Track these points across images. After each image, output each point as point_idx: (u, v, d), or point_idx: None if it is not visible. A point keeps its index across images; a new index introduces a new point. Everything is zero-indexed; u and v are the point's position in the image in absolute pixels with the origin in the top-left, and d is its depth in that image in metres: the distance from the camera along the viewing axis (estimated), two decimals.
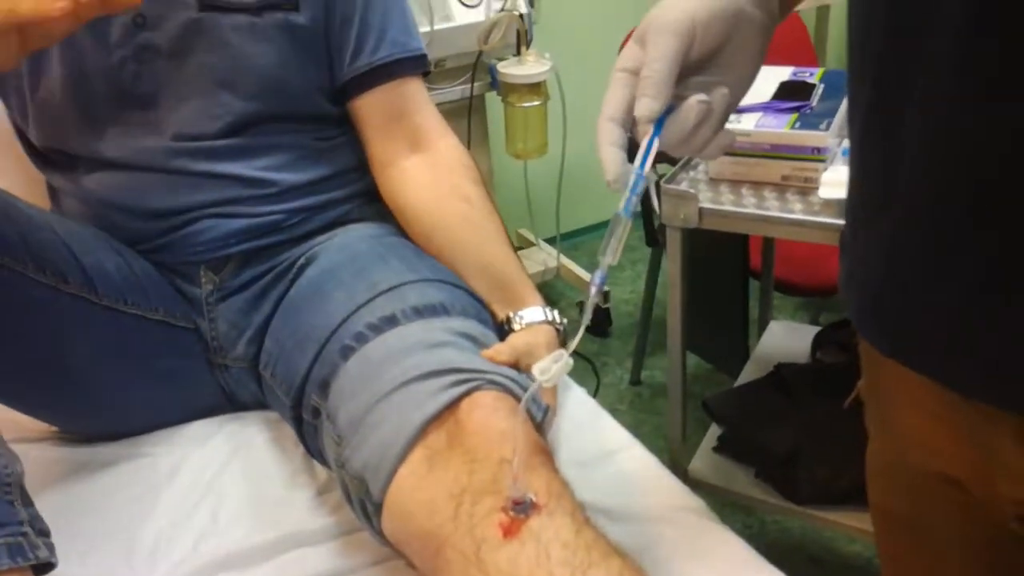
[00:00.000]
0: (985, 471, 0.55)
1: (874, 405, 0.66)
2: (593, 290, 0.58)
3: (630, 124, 0.56)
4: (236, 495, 0.89)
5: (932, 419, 0.57)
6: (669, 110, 0.55)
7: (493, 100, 1.88)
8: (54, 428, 1.00)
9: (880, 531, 0.71)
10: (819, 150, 0.99)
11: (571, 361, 0.61)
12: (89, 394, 0.93)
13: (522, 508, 0.64)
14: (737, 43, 0.56)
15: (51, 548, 0.76)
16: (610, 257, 0.57)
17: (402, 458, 0.71)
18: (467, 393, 0.73)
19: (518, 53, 1.74)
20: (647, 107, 0.54)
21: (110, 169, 0.96)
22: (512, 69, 1.73)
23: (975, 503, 0.58)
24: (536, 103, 1.77)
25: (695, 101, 0.54)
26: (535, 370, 0.61)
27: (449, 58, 1.73)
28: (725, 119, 0.58)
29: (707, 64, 0.56)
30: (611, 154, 0.55)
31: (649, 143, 0.56)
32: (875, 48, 0.50)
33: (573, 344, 0.60)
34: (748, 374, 1.43)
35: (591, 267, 2.23)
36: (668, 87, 0.54)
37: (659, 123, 0.55)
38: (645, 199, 0.58)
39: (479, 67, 1.76)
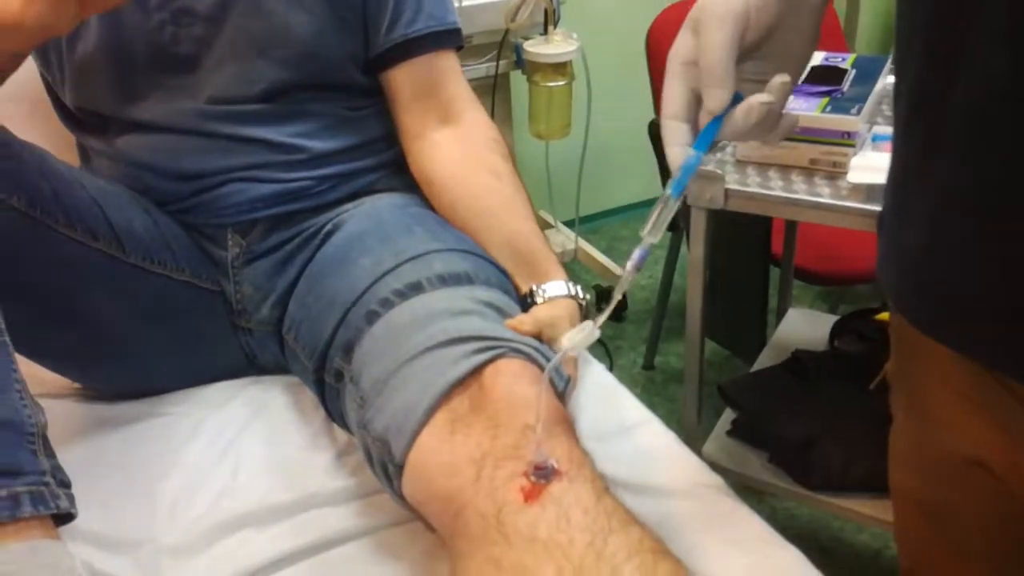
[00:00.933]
0: (1015, 455, 0.55)
1: (902, 386, 0.66)
2: (631, 265, 0.58)
3: (694, 118, 0.56)
4: (256, 456, 0.90)
5: (963, 400, 0.57)
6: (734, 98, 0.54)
7: (518, 79, 1.88)
8: (77, 384, 1.02)
9: (900, 513, 0.70)
10: (849, 135, 0.98)
11: (598, 331, 0.60)
12: (113, 350, 0.94)
13: (544, 474, 0.64)
14: (791, 24, 0.55)
15: (72, 499, 0.77)
16: (654, 236, 0.57)
17: (425, 421, 0.71)
18: (491, 360, 0.74)
19: (545, 32, 1.73)
20: (718, 98, 0.53)
21: (142, 131, 0.96)
22: (538, 48, 1.72)
23: (1001, 487, 0.57)
24: (561, 83, 1.76)
25: (757, 103, 0.53)
26: (564, 340, 0.61)
27: (476, 35, 1.73)
28: (784, 104, 0.57)
29: (762, 47, 0.55)
30: (679, 155, 0.55)
31: (710, 129, 0.55)
32: (926, 12, 0.49)
33: (603, 317, 0.60)
34: (765, 360, 1.43)
35: (609, 251, 2.23)
36: (732, 74, 0.53)
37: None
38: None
39: (505, 45, 1.76)
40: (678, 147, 0.56)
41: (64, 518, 0.76)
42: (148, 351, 0.97)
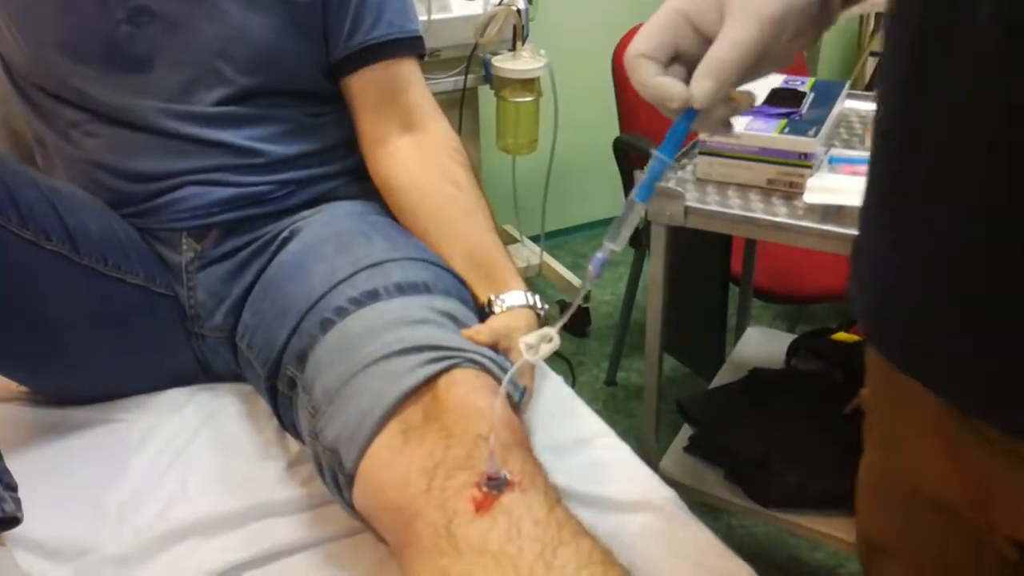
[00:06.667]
0: (981, 499, 0.53)
1: (876, 417, 0.64)
2: (592, 269, 0.56)
3: (664, 63, 0.52)
4: (206, 464, 0.89)
5: (933, 438, 0.55)
6: None
7: (486, 94, 1.88)
8: (25, 388, 0.99)
9: (866, 553, 0.69)
10: (806, 156, 1.00)
11: (558, 340, 0.60)
12: (63, 353, 0.92)
13: (496, 484, 0.64)
14: (797, 37, 0.52)
15: (18, 503, 0.76)
16: (618, 244, 0.56)
17: (377, 431, 0.71)
18: (446, 370, 0.74)
19: (513, 48, 1.75)
20: (709, 91, 0.49)
21: (100, 122, 0.95)
22: (506, 64, 1.73)
23: (969, 531, 0.56)
24: (529, 99, 1.78)
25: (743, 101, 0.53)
26: (521, 344, 0.60)
27: (444, 49, 1.74)
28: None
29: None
30: (666, 81, 0.50)
31: (678, 132, 0.53)
32: (908, 41, 0.47)
33: (561, 322, 0.59)
34: (723, 378, 1.44)
35: (574, 267, 2.23)
36: (737, 75, 0.49)
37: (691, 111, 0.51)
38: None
39: (474, 60, 1.77)
40: (658, 77, 0.51)
41: (9, 522, 0.74)
42: (99, 355, 0.95)
